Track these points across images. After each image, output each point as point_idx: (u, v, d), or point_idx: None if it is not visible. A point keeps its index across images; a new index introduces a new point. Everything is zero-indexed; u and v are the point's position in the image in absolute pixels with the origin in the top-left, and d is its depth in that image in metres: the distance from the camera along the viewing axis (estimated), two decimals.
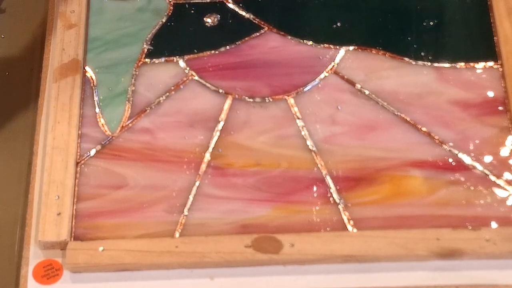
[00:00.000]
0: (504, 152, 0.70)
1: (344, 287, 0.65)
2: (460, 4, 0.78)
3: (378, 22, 0.77)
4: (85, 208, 0.70)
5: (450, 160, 0.70)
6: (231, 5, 0.79)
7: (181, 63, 0.77)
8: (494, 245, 0.65)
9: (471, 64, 0.74)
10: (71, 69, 0.76)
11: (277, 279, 0.66)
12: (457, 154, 0.70)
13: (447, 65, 0.74)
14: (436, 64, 0.74)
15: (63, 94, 0.74)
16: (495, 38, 0.75)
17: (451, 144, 0.70)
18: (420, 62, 0.75)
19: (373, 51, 0.76)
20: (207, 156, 0.71)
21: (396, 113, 0.72)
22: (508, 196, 0.68)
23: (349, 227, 0.67)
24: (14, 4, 0.83)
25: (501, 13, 0.75)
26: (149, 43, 0.78)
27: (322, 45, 0.76)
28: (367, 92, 0.73)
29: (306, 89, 0.74)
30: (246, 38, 0.77)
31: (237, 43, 0.77)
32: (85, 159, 0.72)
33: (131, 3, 0.80)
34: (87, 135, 0.73)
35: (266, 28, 0.78)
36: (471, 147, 0.70)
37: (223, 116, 0.73)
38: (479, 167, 0.69)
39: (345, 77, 0.75)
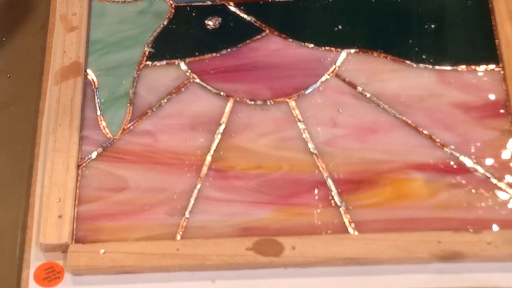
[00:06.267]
0: (505, 155, 0.70)
1: None
2: (461, 7, 0.78)
3: (380, 25, 0.77)
4: (86, 210, 0.70)
5: (452, 162, 0.70)
6: (232, 8, 0.79)
7: (183, 66, 0.77)
8: (495, 248, 0.65)
9: (473, 66, 0.74)
10: (72, 72, 0.76)
11: (278, 281, 0.66)
12: (458, 157, 0.70)
13: (448, 67, 0.74)
14: (437, 67, 0.74)
15: (65, 97, 0.74)
16: (496, 40, 0.75)
17: (452, 146, 0.70)
18: (421, 65, 0.75)
19: (375, 54, 0.76)
20: (208, 159, 0.71)
21: (397, 116, 0.72)
22: (510, 199, 0.68)
23: (351, 230, 0.67)
24: (15, 6, 0.83)
25: (503, 15, 0.75)
26: (150, 45, 0.78)
27: (323, 48, 0.76)
28: (368, 94, 0.73)
29: (307, 91, 0.74)
30: (248, 41, 0.77)
31: (238, 45, 0.77)
32: (86, 161, 0.72)
33: (133, 6, 0.80)
34: (88, 138, 0.73)
35: (267, 31, 0.78)
36: (473, 150, 0.70)
37: (224, 118, 0.73)
38: (480, 169, 0.69)
39: (347, 79, 0.75)
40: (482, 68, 0.74)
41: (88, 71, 0.77)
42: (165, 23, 0.79)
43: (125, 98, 0.75)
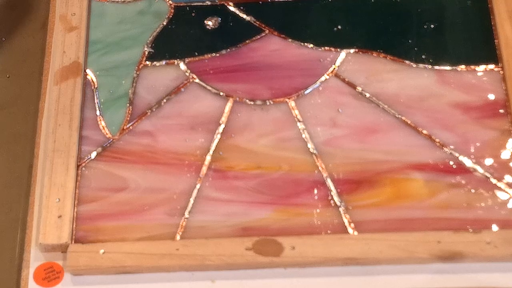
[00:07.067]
0: (504, 155, 0.70)
1: None
2: (460, 7, 0.78)
3: (379, 25, 0.77)
4: (86, 210, 0.70)
5: (451, 163, 0.70)
6: (232, 8, 0.79)
7: (182, 66, 0.77)
8: (495, 248, 0.65)
9: (472, 66, 0.74)
10: (72, 72, 0.76)
11: (278, 281, 0.66)
12: (458, 157, 0.70)
13: (448, 67, 0.74)
14: (437, 67, 0.74)
15: (64, 97, 0.74)
16: (495, 40, 0.75)
17: (452, 147, 0.70)
18: (420, 65, 0.75)
19: (374, 54, 0.76)
20: (208, 159, 0.71)
21: (397, 116, 0.72)
22: (509, 199, 0.68)
23: (350, 230, 0.67)
24: (15, 6, 0.83)
25: (502, 15, 0.75)
26: (150, 46, 0.78)
27: (323, 48, 0.76)
28: (367, 95, 0.73)
29: (307, 92, 0.74)
30: (247, 41, 0.77)
31: (238, 46, 0.77)
32: (86, 161, 0.72)
33: (132, 6, 0.80)
34: (88, 138, 0.73)
35: (266, 31, 0.78)
36: (472, 150, 0.70)
37: (224, 118, 0.73)
38: (480, 170, 0.69)
39: (346, 80, 0.75)
40: (481, 68, 0.74)
41: (88, 71, 0.77)
42: (165, 23, 0.79)
43: (125, 98, 0.75)
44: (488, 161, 0.70)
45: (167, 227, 0.68)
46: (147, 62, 0.77)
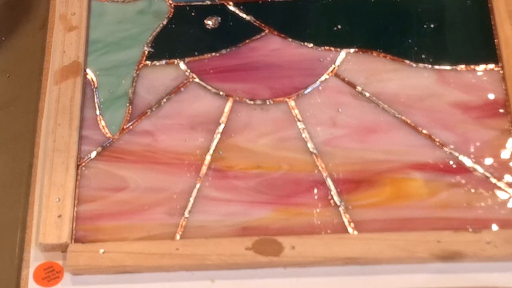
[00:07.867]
0: (504, 154, 0.70)
1: None
2: (460, 7, 0.78)
3: (379, 25, 0.77)
4: (86, 210, 0.70)
5: (451, 162, 0.70)
6: (231, 8, 0.79)
7: (182, 66, 0.77)
8: (495, 248, 0.65)
9: (472, 66, 0.74)
10: (72, 72, 0.76)
11: (277, 281, 0.66)
12: (457, 157, 0.70)
13: (447, 67, 0.74)
14: (436, 67, 0.74)
15: (64, 97, 0.74)
16: (495, 40, 0.75)
17: (451, 146, 0.70)
18: (420, 65, 0.75)
19: (374, 54, 0.76)
20: (208, 158, 0.71)
21: (396, 116, 0.72)
22: (509, 198, 0.68)
23: (350, 230, 0.67)
24: (15, 6, 0.83)
25: (502, 15, 0.75)
26: (150, 45, 0.78)
27: (322, 48, 0.76)
28: (367, 94, 0.73)
29: (306, 91, 0.74)
30: (247, 41, 0.78)
31: (237, 45, 0.77)
32: (86, 161, 0.72)
33: (132, 6, 0.80)
34: (87, 137, 0.73)
35: (266, 31, 0.78)
36: (472, 150, 0.70)
37: (223, 118, 0.73)
38: (479, 169, 0.69)
39: (346, 79, 0.75)
40: (481, 67, 0.74)
41: (88, 70, 0.77)
42: (165, 22, 0.79)
43: (125, 98, 0.75)
44: (488, 161, 0.70)
45: (167, 227, 0.68)
46: (147, 62, 0.77)
